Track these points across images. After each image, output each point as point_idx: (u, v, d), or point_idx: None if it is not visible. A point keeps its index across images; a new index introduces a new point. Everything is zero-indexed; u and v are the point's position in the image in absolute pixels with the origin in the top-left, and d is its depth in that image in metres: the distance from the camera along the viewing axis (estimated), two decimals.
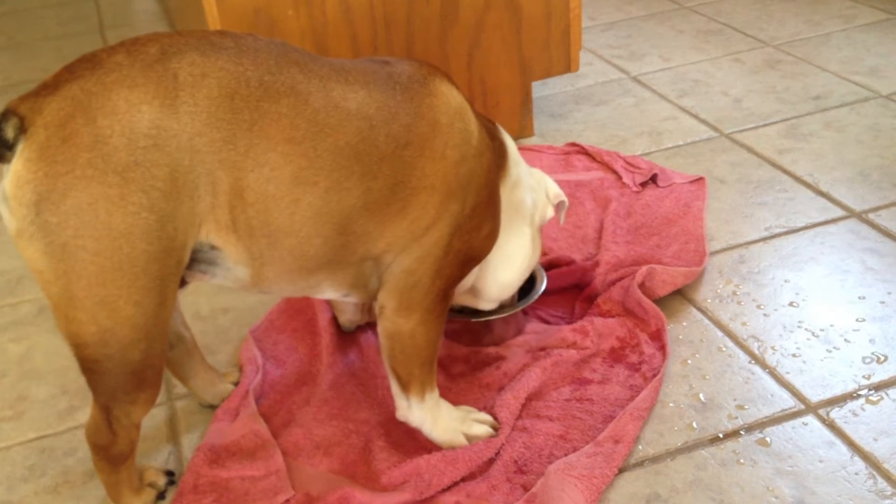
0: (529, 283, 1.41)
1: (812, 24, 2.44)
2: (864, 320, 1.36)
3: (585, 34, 2.53)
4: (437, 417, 1.16)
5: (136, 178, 0.91)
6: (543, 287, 1.39)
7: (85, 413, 1.32)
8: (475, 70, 1.90)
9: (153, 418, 1.30)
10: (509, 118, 1.98)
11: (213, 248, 1.00)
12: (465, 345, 1.35)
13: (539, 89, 2.21)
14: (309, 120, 0.99)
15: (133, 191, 0.91)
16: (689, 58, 2.33)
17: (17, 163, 0.91)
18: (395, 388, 1.15)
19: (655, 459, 1.15)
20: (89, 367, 0.98)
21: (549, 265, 1.49)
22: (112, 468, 1.08)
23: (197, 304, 1.54)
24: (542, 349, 1.31)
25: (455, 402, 1.24)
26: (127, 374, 0.98)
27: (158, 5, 3.13)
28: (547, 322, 1.40)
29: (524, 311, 1.37)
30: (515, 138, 2.00)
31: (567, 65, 1.97)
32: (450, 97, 1.09)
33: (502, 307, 1.34)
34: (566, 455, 1.13)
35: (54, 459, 1.25)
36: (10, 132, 0.91)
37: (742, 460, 1.14)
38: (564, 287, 1.46)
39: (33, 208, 0.91)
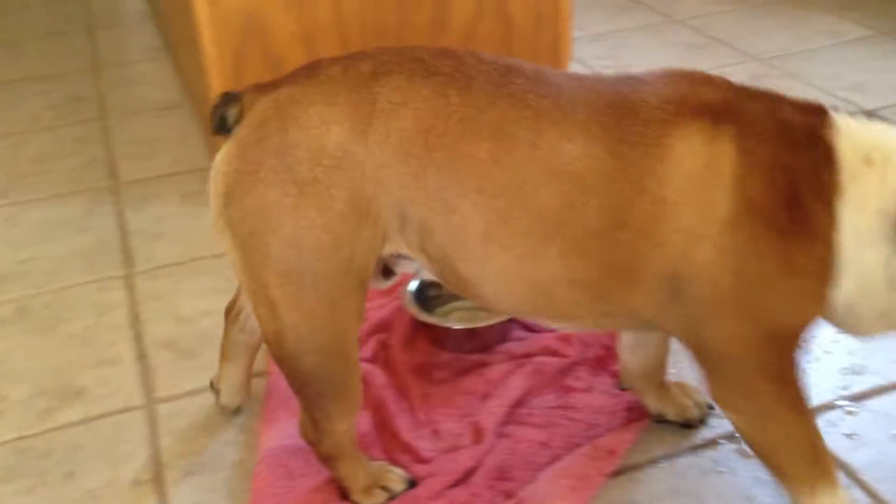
0: None
1: (799, 39, 2.46)
2: (843, 332, 1.37)
3: (575, 44, 2.54)
4: None
5: (313, 193, 0.90)
6: None
7: (64, 414, 1.31)
8: None
9: (132, 421, 1.30)
10: None
11: (404, 257, 0.99)
12: (449, 351, 1.35)
13: None
14: (508, 172, 0.88)
15: (309, 205, 0.91)
16: None
17: (224, 150, 0.96)
18: (779, 482, 1.01)
19: (636, 468, 1.15)
20: (277, 363, 1.01)
21: None
22: (328, 465, 1.07)
23: (178, 306, 1.54)
24: (526, 356, 1.31)
25: (437, 408, 1.24)
26: (307, 382, 0.98)
27: (148, 5, 3.13)
28: (531, 330, 1.40)
29: (509, 319, 1.37)
30: None
31: None
32: (688, 154, 0.86)
33: (489, 314, 1.35)
34: (549, 462, 1.13)
35: (32, 460, 1.24)
36: (231, 116, 0.96)
37: (721, 469, 1.14)
38: None
39: (222, 199, 0.95)
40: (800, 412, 0.95)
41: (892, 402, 1.23)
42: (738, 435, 1.18)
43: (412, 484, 1.10)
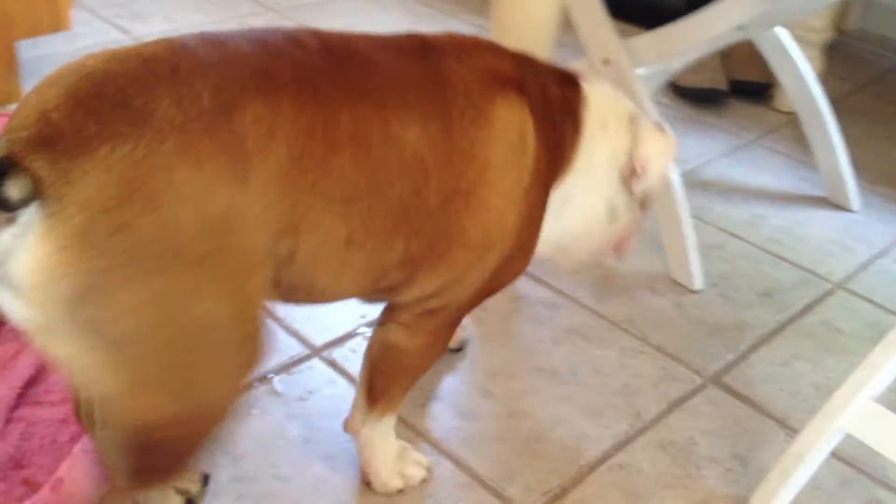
0: None
1: None
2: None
3: None
4: (384, 445, 1.08)
5: (210, 266, 0.74)
6: None
7: None
8: None
9: None
10: None
11: None
12: None
13: (28, 50, 2.02)
14: (369, 174, 0.85)
15: (207, 280, 0.74)
16: (196, 20, 2.31)
17: (40, 247, 0.70)
18: (359, 399, 1.07)
19: None
20: (150, 447, 0.83)
21: None
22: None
23: None
24: None
25: None
26: (194, 446, 0.86)
27: None
28: None
29: None
30: (1, 104, 1.81)
31: (57, 23, 1.82)
32: (510, 122, 0.93)
33: None
34: (72, 439, 1.07)
35: None
36: (14, 191, 0.69)
37: (254, 411, 1.18)
38: None
39: (68, 304, 0.72)
40: (446, 346, 1.08)
41: None
42: (270, 375, 1.24)
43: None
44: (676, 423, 1.23)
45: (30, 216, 0.70)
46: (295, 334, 1.32)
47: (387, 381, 1.05)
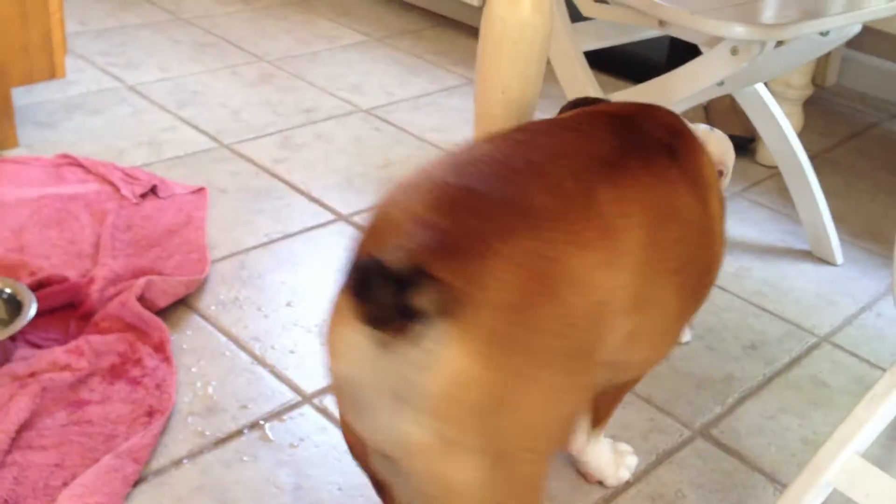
0: (15, 308, 1.30)
1: (302, 42, 2.61)
2: None
3: (75, 39, 2.40)
4: (604, 449, 1.19)
5: (591, 357, 0.72)
6: (33, 310, 1.29)
7: None
8: None
9: None
10: None
11: None
12: None
13: (22, 97, 2.04)
14: (687, 242, 0.87)
15: (583, 373, 0.72)
16: (188, 69, 2.34)
17: (453, 355, 0.66)
18: (583, 424, 1.13)
19: (160, 472, 1.14)
20: None
21: (39, 285, 1.38)
22: None
23: None
24: (32, 375, 1.21)
25: None
26: None
27: None
28: (39, 346, 1.30)
29: (11, 339, 1.26)
30: None
31: (51, 71, 1.85)
32: (712, 169, 0.99)
33: None
34: (65, 484, 1.07)
35: None
36: (425, 302, 0.65)
37: (245, 458, 1.18)
38: (57, 307, 1.38)
39: (478, 415, 0.67)
40: None
41: None
42: (261, 422, 1.23)
43: None
44: (665, 475, 1.24)
45: (436, 325, 0.66)
46: (286, 381, 1.33)
47: (610, 404, 1.11)
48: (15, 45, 1.76)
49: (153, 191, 1.73)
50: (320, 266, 1.60)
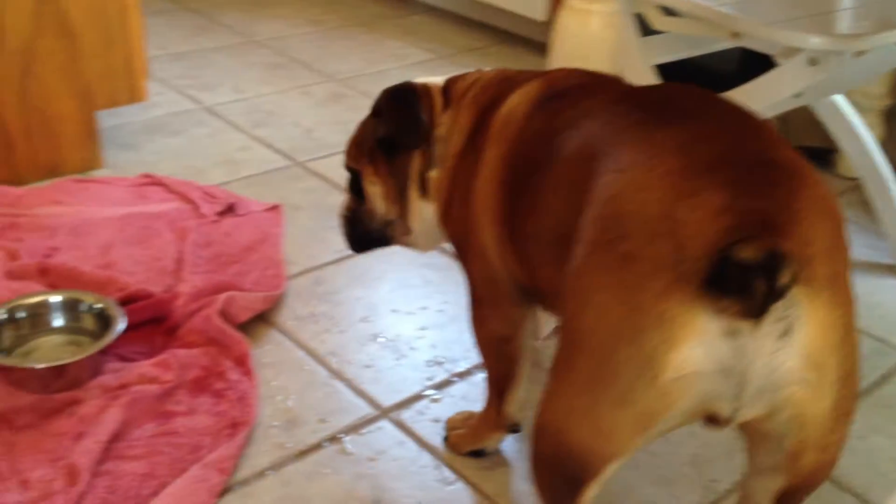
0: (105, 322, 1.35)
1: (370, 61, 2.65)
2: (426, 328, 1.51)
3: (154, 63, 2.48)
4: None
5: None
6: (123, 324, 1.34)
7: None
8: (30, 99, 1.77)
9: None
10: (73, 150, 1.87)
11: None
12: (35, 393, 1.25)
13: (107, 119, 2.11)
14: None
15: None
16: (261, 90, 2.40)
17: (813, 310, 0.77)
18: None
19: (244, 482, 1.17)
20: None
21: (127, 300, 1.43)
22: None
23: None
24: (122, 387, 1.26)
25: (23, 456, 1.14)
26: None
27: None
28: (127, 359, 1.35)
29: (101, 352, 1.31)
30: (83, 171, 1.89)
31: (133, 94, 1.92)
32: None
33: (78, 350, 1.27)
34: (154, 493, 1.10)
35: None
36: (786, 278, 0.75)
37: (325, 470, 1.20)
38: (144, 322, 1.42)
39: (837, 348, 0.80)
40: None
41: (467, 387, 1.39)
42: (339, 436, 1.26)
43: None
44: None
45: (793, 293, 0.75)
46: (364, 395, 1.35)
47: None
48: (99, 70, 1.83)
49: (231, 209, 1.77)
50: (395, 282, 1.62)
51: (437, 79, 1.22)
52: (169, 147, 2.05)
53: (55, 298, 1.38)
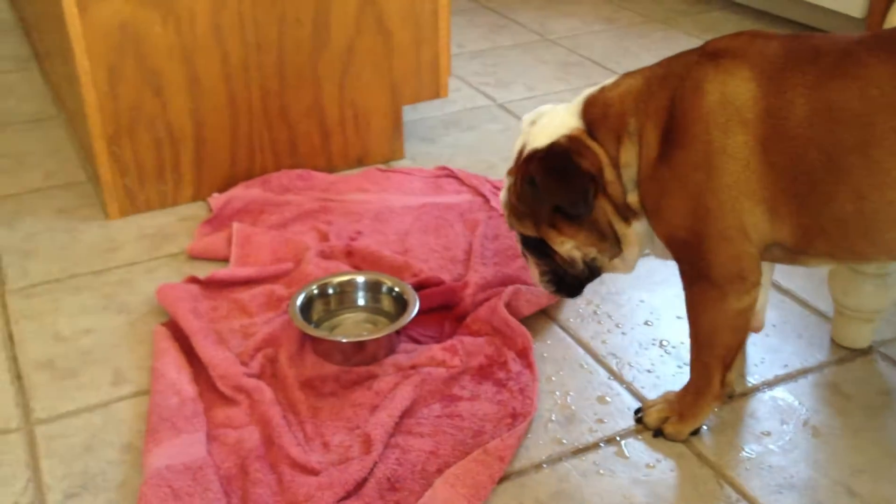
0: (401, 305, 1.44)
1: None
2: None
3: (454, 61, 2.60)
4: None
5: None
6: (416, 308, 1.42)
7: None
8: (347, 93, 1.92)
9: (10, 444, 1.25)
10: (380, 141, 2.01)
11: None
12: (337, 364, 1.36)
13: (409, 113, 2.25)
14: None
15: None
16: (553, 87, 2.43)
17: None
18: None
19: (521, 473, 1.20)
20: None
21: (420, 286, 1.52)
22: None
23: (55, 325, 1.49)
24: (413, 367, 1.34)
25: (326, 421, 1.25)
26: None
27: (13, 14, 3.00)
28: (418, 342, 1.43)
29: (397, 332, 1.40)
30: (386, 161, 2.03)
31: (437, 90, 2.02)
32: None
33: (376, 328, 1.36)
34: (438, 470, 1.16)
35: None
36: None
37: (601, 471, 1.20)
38: (434, 307, 1.50)
39: None
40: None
41: (756, 404, 1.32)
42: (617, 438, 1.25)
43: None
44: None
45: None
46: (642, 400, 1.32)
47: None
48: (409, 67, 1.96)
49: None
50: (678, 287, 1.58)
51: (571, 116, 1.21)
52: (463, 141, 2.14)
53: (361, 279, 1.50)
